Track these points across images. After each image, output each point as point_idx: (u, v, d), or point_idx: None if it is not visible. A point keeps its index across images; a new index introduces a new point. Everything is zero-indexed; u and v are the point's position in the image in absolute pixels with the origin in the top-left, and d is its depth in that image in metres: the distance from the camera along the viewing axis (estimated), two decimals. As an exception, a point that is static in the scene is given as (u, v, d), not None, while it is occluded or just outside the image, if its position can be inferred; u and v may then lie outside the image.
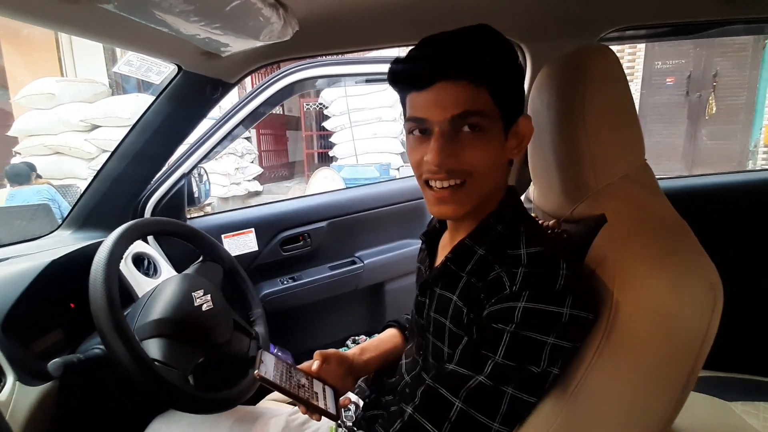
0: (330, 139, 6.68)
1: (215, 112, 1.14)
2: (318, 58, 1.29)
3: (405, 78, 0.56)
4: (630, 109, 0.60)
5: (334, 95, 6.24)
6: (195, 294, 0.85)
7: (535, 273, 0.50)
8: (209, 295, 0.86)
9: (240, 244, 1.36)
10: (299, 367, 0.68)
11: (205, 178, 1.37)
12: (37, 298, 0.82)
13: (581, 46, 0.61)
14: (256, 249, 1.39)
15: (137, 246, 1.07)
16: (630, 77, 5.65)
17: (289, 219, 1.46)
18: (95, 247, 0.78)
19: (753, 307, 1.13)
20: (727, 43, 5.41)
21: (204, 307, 0.84)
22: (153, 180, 1.19)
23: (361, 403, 0.80)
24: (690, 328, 0.49)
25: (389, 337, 0.83)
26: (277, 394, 0.63)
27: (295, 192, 6.86)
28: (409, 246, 1.63)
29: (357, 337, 1.61)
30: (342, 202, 1.58)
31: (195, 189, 1.31)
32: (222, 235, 1.33)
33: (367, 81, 1.51)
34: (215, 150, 1.28)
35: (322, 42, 0.98)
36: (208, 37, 0.73)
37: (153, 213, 1.21)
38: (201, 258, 0.99)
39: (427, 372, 0.65)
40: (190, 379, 0.77)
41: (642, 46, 5.52)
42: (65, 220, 1.17)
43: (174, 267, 1.14)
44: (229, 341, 0.86)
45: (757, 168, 5.35)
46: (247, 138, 6.68)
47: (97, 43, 4.93)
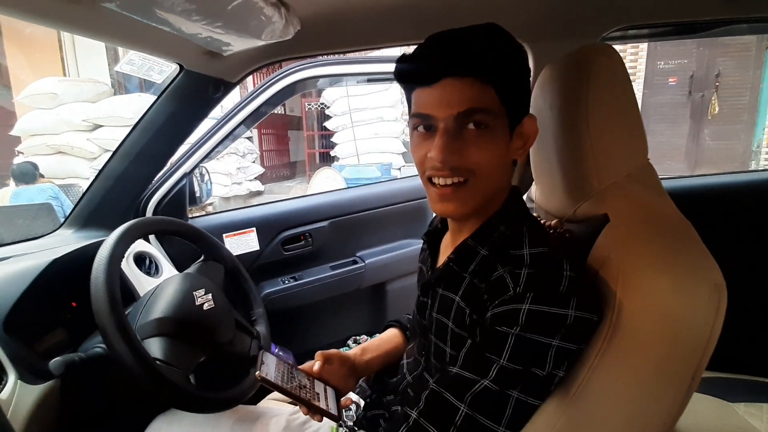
0: (331, 139, 6.69)
1: (217, 111, 1.14)
2: (319, 57, 1.29)
3: (411, 74, 0.56)
4: (633, 109, 0.59)
5: (335, 95, 6.25)
6: (196, 293, 0.84)
7: (539, 274, 0.50)
8: (210, 295, 0.86)
9: (241, 243, 1.36)
10: (300, 368, 0.68)
11: (207, 177, 1.37)
12: (39, 296, 0.83)
13: (584, 45, 0.61)
14: (257, 248, 1.39)
15: (139, 245, 1.07)
16: (632, 77, 5.61)
17: (291, 218, 1.46)
18: (97, 246, 0.78)
19: (757, 308, 1.12)
20: (730, 43, 5.39)
21: (205, 307, 0.84)
22: (155, 179, 1.20)
23: (362, 403, 0.79)
24: (694, 328, 0.49)
25: (390, 337, 0.83)
26: (278, 393, 0.63)
27: (297, 192, 6.86)
28: (411, 246, 1.63)
29: (358, 337, 1.61)
30: (343, 201, 1.58)
31: (196, 188, 1.31)
32: (223, 235, 1.33)
33: (369, 81, 1.51)
34: (217, 149, 1.28)
35: (323, 41, 0.98)
36: (209, 37, 0.73)
37: (154, 212, 1.21)
38: (202, 257, 0.99)
39: (429, 372, 0.65)
40: (191, 379, 0.77)
41: (644, 45, 5.51)
42: (67, 219, 1.17)
43: (175, 266, 1.15)
44: (231, 341, 0.86)
45: (760, 168, 5.34)
46: (249, 138, 6.68)
47: (100, 43, 4.95)
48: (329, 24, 0.87)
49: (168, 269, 1.10)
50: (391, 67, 0.58)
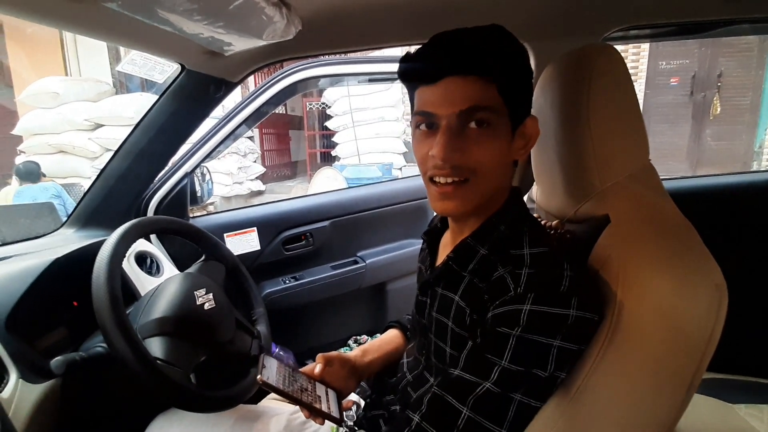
0: (332, 139, 6.69)
1: (218, 111, 1.14)
2: (321, 57, 1.29)
3: (414, 72, 0.56)
4: (634, 109, 0.59)
5: (336, 95, 6.25)
6: (197, 293, 0.85)
7: (540, 274, 0.50)
8: (211, 294, 0.87)
9: (242, 243, 1.37)
10: (301, 371, 0.68)
11: (208, 177, 1.37)
12: (41, 296, 0.83)
13: (585, 45, 0.61)
14: (258, 248, 1.39)
15: (140, 244, 1.07)
16: (634, 77, 5.63)
17: (292, 218, 1.46)
18: (98, 246, 0.78)
19: (758, 309, 1.12)
20: (732, 43, 5.37)
21: (206, 306, 0.84)
22: (156, 179, 1.20)
23: (363, 403, 0.80)
24: (694, 329, 0.48)
25: (391, 338, 0.83)
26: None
27: (298, 191, 6.87)
28: (412, 246, 1.63)
29: (359, 337, 1.61)
30: (344, 201, 1.58)
31: (198, 188, 1.31)
32: (224, 234, 1.33)
33: (370, 80, 1.50)
34: (218, 149, 1.28)
35: (325, 41, 0.98)
36: (211, 36, 0.73)
37: (156, 212, 1.21)
38: (203, 257, 0.99)
39: (430, 371, 0.65)
40: (192, 378, 0.78)
41: (646, 45, 5.49)
42: (69, 218, 1.17)
43: (176, 265, 1.15)
44: (232, 340, 0.87)
45: (762, 169, 5.32)
46: (250, 137, 6.69)
47: (101, 42, 4.95)
48: (331, 24, 0.87)
49: (169, 269, 1.10)
50: (393, 67, 0.58)
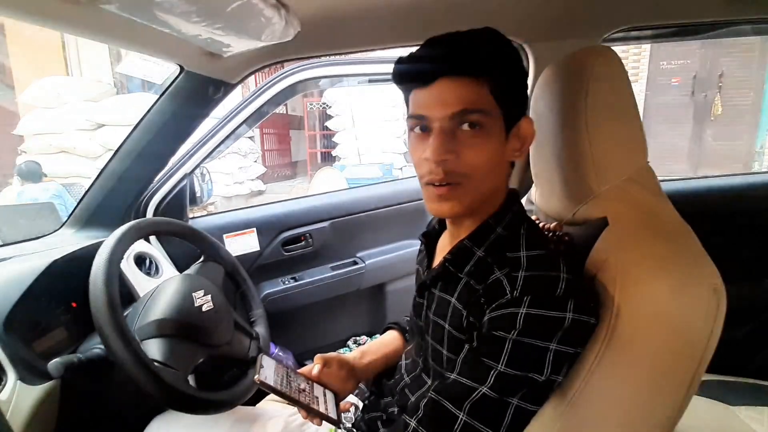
0: (333, 139, 6.70)
1: (219, 110, 1.14)
2: (321, 58, 1.29)
3: (408, 75, 0.56)
4: (633, 112, 0.59)
5: (337, 95, 6.25)
6: (195, 294, 0.85)
7: (536, 277, 0.50)
8: (210, 296, 0.87)
9: (242, 244, 1.36)
10: (299, 372, 0.68)
11: (208, 177, 1.37)
12: (40, 297, 0.83)
13: (584, 47, 0.61)
14: (257, 249, 1.39)
15: (139, 245, 1.07)
16: (635, 77, 5.62)
17: (291, 219, 1.45)
18: (97, 247, 0.78)
19: (758, 311, 1.12)
20: (734, 43, 5.36)
21: (204, 308, 0.84)
22: (155, 179, 1.20)
23: (361, 405, 0.79)
24: (692, 332, 0.48)
25: (390, 340, 0.83)
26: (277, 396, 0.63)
27: (298, 191, 6.87)
28: (412, 247, 1.63)
29: (359, 338, 1.61)
30: (344, 202, 1.57)
31: (197, 188, 1.31)
32: (224, 235, 1.33)
33: (370, 81, 1.50)
34: (218, 149, 1.28)
35: (323, 43, 0.98)
36: (209, 38, 0.73)
37: (155, 212, 1.21)
38: (202, 258, 0.99)
39: (427, 373, 0.65)
40: (190, 380, 0.77)
41: (647, 46, 5.49)
42: (68, 219, 1.18)
43: (176, 266, 1.15)
44: (230, 342, 0.86)
45: (763, 170, 5.31)
46: (251, 137, 6.69)
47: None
48: (329, 25, 0.87)
49: (168, 270, 1.10)
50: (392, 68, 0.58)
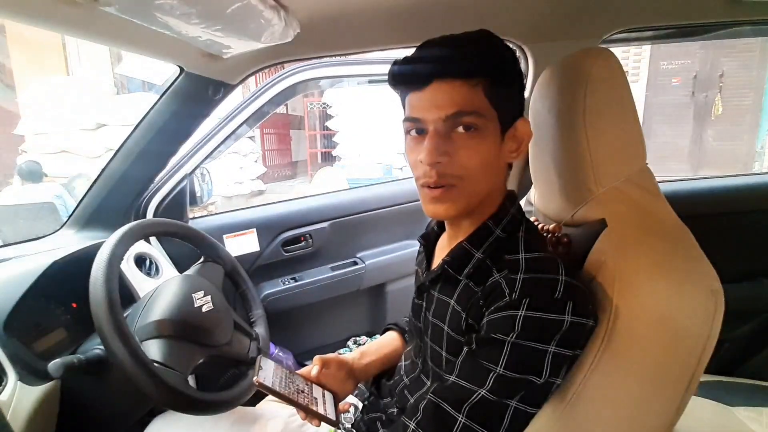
0: (333, 139, 6.69)
1: (219, 110, 1.14)
2: (321, 58, 1.29)
3: (403, 78, 0.57)
4: (631, 113, 0.59)
5: (337, 95, 6.25)
6: (195, 295, 0.85)
7: (535, 279, 0.50)
8: (209, 296, 0.87)
9: (242, 244, 1.36)
10: (298, 373, 0.68)
11: (208, 177, 1.37)
12: (40, 298, 0.83)
13: (583, 49, 0.61)
14: (257, 249, 1.39)
15: (139, 246, 1.07)
16: (635, 77, 5.62)
17: (291, 219, 1.46)
18: (97, 248, 0.78)
19: (756, 312, 1.12)
20: (734, 44, 5.36)
21: (204, 308, 0.84)
22: (155, 180, 1.20)
23: (360, 406, 0.80)
24: (690, 334, 0.49)
25: (389, 341, 0.83)
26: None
27: (298, 191, 6.87)
28: (411, 247, 1.63)
29: (358, 338, 1.60)
30: (344, 202, 1.57)
31: (198, 189, 1.31)
32: (224, 236, 1.33)
33: (370, 82, 1.50)
34: (219, 149, 1.28)
35: (323, 44, 0.98)
36: (209, 39, 0.73)
37: (155, 213, 1.21)
38: (202, 258, 0.99)
39: (426, 375, 0.65)
40: (190, 380, 0.78)
41: (647, 46, 5.49)
42: (68, 219, 1.18)
43: (176, 267, 1.15)
44: (230, 342, 0.87)
45: (764, 170, 5.31)
46: (251, 137, 6.70)
47: (103, 43, 4.95)
48: (329, 27, 0.88)
49: (168, 270, 1.10)
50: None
